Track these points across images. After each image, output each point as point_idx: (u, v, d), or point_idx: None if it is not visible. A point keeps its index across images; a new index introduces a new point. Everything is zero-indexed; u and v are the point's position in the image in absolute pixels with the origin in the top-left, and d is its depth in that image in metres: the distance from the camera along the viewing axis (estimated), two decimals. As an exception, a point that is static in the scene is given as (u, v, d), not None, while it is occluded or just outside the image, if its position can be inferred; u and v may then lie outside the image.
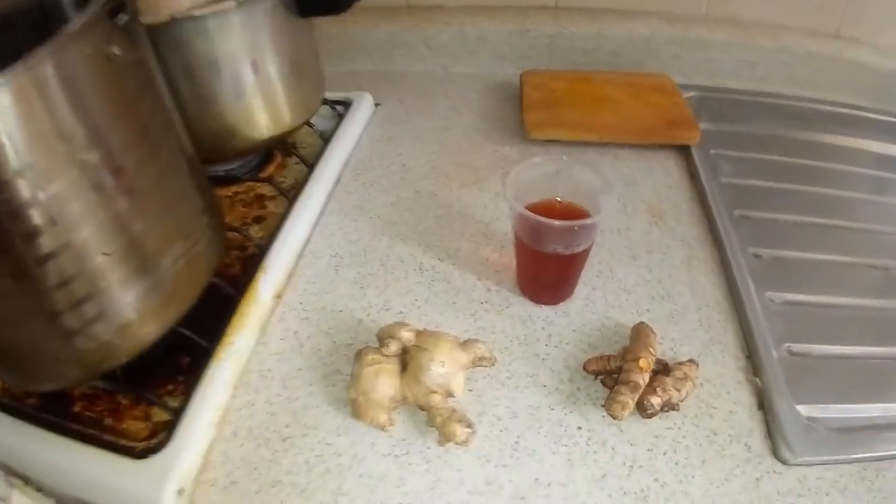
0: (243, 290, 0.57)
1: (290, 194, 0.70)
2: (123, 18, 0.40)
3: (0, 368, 0.48)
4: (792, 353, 0.54)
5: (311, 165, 0.74)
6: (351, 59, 0.96)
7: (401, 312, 0.57)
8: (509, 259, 0.60)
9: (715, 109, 0.83)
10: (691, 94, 0.83)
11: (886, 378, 0.53)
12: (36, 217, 0.36)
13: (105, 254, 0.41)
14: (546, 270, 0.54)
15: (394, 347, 0.47)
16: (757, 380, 0.51)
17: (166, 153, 0.48)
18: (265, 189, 0.74)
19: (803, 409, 0.49)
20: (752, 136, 0.80)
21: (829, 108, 0.84)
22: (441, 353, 0.46)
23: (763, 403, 0.49)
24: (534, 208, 0.49)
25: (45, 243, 0.38)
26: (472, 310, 0.56)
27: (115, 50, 0.39)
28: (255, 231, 0.69)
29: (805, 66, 0.86)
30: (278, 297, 0.59)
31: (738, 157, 0.76)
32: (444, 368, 0.46)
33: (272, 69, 0.66)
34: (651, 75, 0.85)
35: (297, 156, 0.77)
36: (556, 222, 0.47)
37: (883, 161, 0.79)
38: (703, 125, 0.75)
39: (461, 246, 0.63)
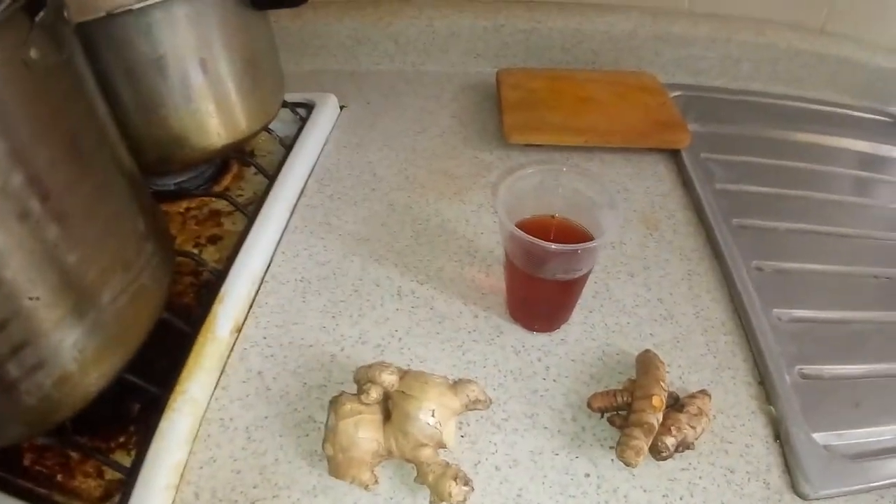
0: (198, 325, 0.51)
1: (249, 210, 0.63)
2: (43, 17, 0.33)
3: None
4: (804, 377, 0.50)
5: (271, 176, 0.67)
6: (312, 57, 0.88)
7: (379, 346, 0.50)
8: (497, 280, 0.54)
9: (701, 109, 0.79)
10: (676, 93, 0.79)
11: (899, 397, 0.50)
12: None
13: (32, 298, 0.35)
14: (542, 297, 0.49)
15: (375, 395, 0.41)
16: (772, 408, 0.47)
17: (100, 170, 0.42)
18: (220, 204, 0.67)
19: (819, 437, 0.45)
20: (740, 137, 0.76)
21: (815, 106, 0.82)
22: (429, 399, 0.40)
23: (779, 434, 0.45)
24: (527, 226, 0.43)
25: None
26: (459, 340, 0.51)
27: (34, 54, 0.33)
28: (211, 253, 0.62)
29: (790, 62, 0.84)
30: (238, 331, 0.52)
31: (729, 160, 0.72)
32: (434, 417, 0.40)
33: (224, 69, 0.59)
34: (635, 73, 0.80)
35: (255, 166, 0.70)
36: (556, 246, 0.42)
37: (871, 161, 0.77)
38: (690, 126, 0.71)
39: (443, 266, 0.57)
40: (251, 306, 0.54)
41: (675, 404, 0.45)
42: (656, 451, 0.42)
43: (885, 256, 0.63)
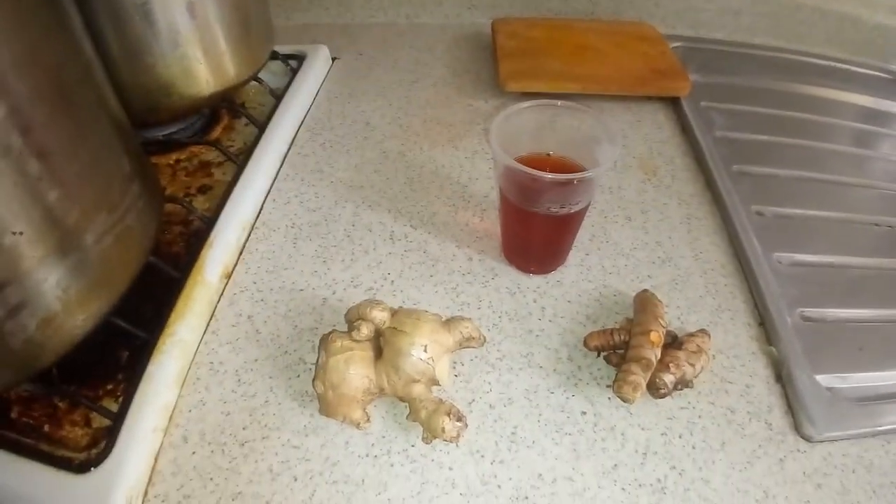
0: (187, 271, 0.49)
1: (240, 159, 0.62)
2: None
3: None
4: (806, 319, 0.49)
5: (261, 126, 0.65)
6: (303, 11, 0.86)
7: (371, 289, 0.49)
8: (492, 224, 0.53)
9: (701, 60, 0.77)
10: (676, 44, 0.78)
11: (908, 343, 0.49)
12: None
13: (15, 233, 0.34)
14: (537, 234, 0.47)
15: (365, 331, 0.40)
16: (773, 349, 0.46)
17: (84, 107, 0.40)
18: (211, 155, 0.66)
19: (823, 380, 0.45)
20: (741, 88, 0.74)
21: (816, 60, 0.80)
22: (422, 335, 0.39)
23: (781, 375, 0.45)
24: (522, 162, 0.42)
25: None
26: (452, 283, 0.50)
27: None
28: (200, 202, 0.60)
29: (791, 17, 0.82)
30: (228, 276, 0.51)
31: (730, 109, 0.70)
32: (427, 353, 0.39)
33: (212, 12, 0.58)
34: (634, 23, 0.78)
35: (246, 116, 0.69)
36: (551, 175, 0.40)
37: (872, 115, 0.76)
38: (691, 77, 0.69)
39: (437, 211, 0.56)
40: (241, 252, 0.53)
41: (674, 342, 0.44)
42: (654, 388, 0.41)
43: (886, 206, 0.62)
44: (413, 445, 0.40)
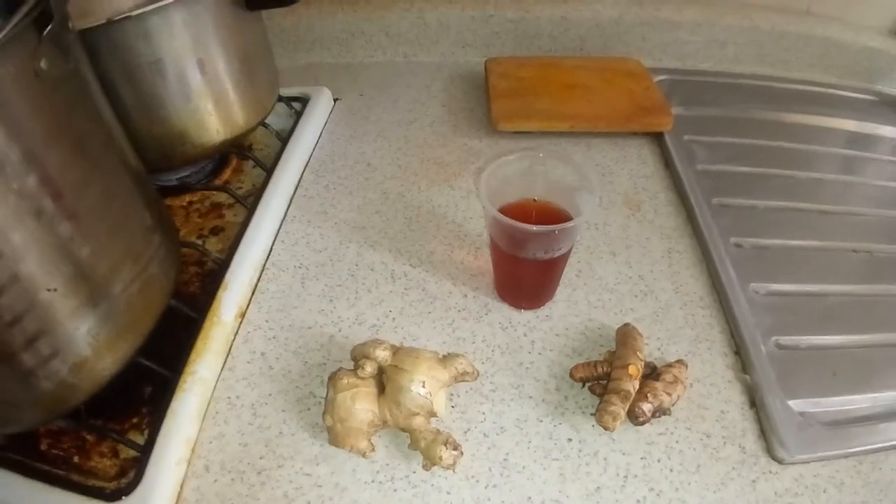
0: (204, 311, 0.53)
1: (249, 202, 0.66)
2: (51, 29, 0.35)
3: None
4: (780, 347, 0.53)
5: (268, 169, 0.70)
6: (306, 52, 0.91)
7: (374, 326, 0.53)
8: (485, 262, 0.57)
9: (686, 93, 0.81)
10: (662, 77, 0.82)
11: (875, 367, 0.52)
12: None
13: (49, 290, 0.38)
14: (525, 276, 0.51)
15: (369, 369, 0.44)
16: (747, 377, 0.50)
17: (108, 169, 0.44)
18: (221, 197, 0.70)
19: (795, 405, 0.48)
20: (725, 119, 0.78)
21: (800, 87, 0.84)
22: (420, 372, 0.43)
23: (755, 401, 0.48)
24: (510, 210, 0.46)
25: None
26: (449, 318, 0.54)
27: (44, 64, 0.35)
28: (214, 244, 0.64)
29: (775, 44, 0.85)
30: (242, 315, 0.55)
31: (713, 142, 0.74)
32: (425, 388, 0.43)
33: (220, 67, 0.62)
34: (621, 59, 0.82)
35: (253, 159, 0.73)
36: (535, 228, 0.44)
37: (856, 139, 0.79)
38: (675, 110, 0.73)
39: (434, 249, 0.60)
40: (253, 292, 0.57)
41: (653, 373, 0.48)
42: (633, 417, 0.45)
43: (865, 231, 0.65)
44: (414, 472, 0.44)
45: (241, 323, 0.54)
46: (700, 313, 0.54)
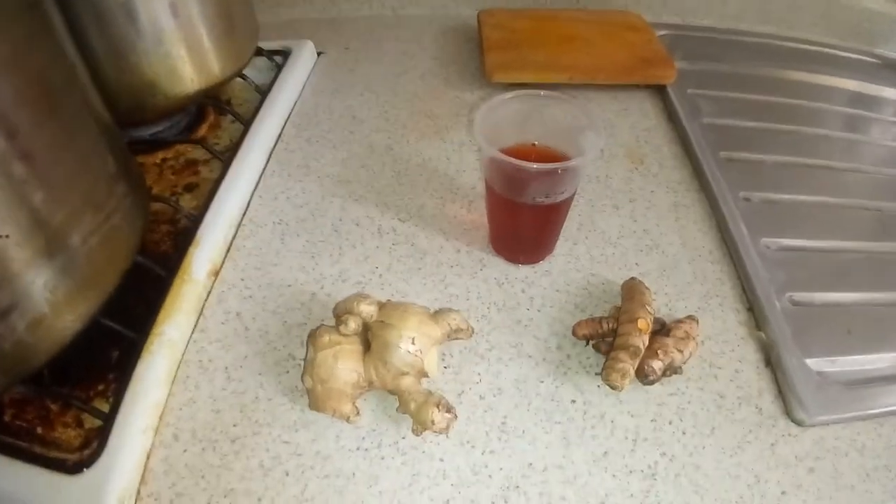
0: (174, 270, 0.49)
1: (226, 157, 0.61)
2: None
3: None
4: (794, 303, 0.49)
5: (247, 123, 0.65)
6: (290, 6, 0.86)
7: (359, 283, 0.49)
8: (479, 215, 0.53)
9: (688, 48, 0.77)
10: (663, 32, 0.78)
11: (890, 326, 0.49)
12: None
13: (1, 236, 0.34)
14: (524, 224, 0.47)
15: (353, 325, 0.40)
16: (762, 334, 0.46)
17: (68, 109, 0.40)
18: (197, 153, 0.65)
19: (812, 364, 0.45)
20: (728, 75, 0.75)
21: (803, 46, 0.81)
22: (409, 327, 0.39)
23: (770, 359, 0.45)
24: (507, 153, 0.42)
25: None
26: (441, 275, 0.50)
27: None
28: (187, 201, 0.60)
29: (779, 2, 0.82)
30: (215, 274, 0.50)
31: (717, 96, 0.70)
32: (415, 345, 0.39)
33: (194, 10, 0.57)
34: (621, 13, 0.78)
35: (231, 113, 0.68)
36: (536, 165, 0.40)
37: (859, 99, 0.76)
38: (677, 64, 0.69)
39: (424, 203, 0.56)
40: (228, 250, 0.53)
41: (662, 329, 0.44)
42: (643, 375, 0.41)
43: (874, 190, 0.62)
44: (403, 438, 0.40)
45: (214, 281, 0.50)
46: (710, 268, 0.50)
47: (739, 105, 0.70)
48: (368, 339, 0.41)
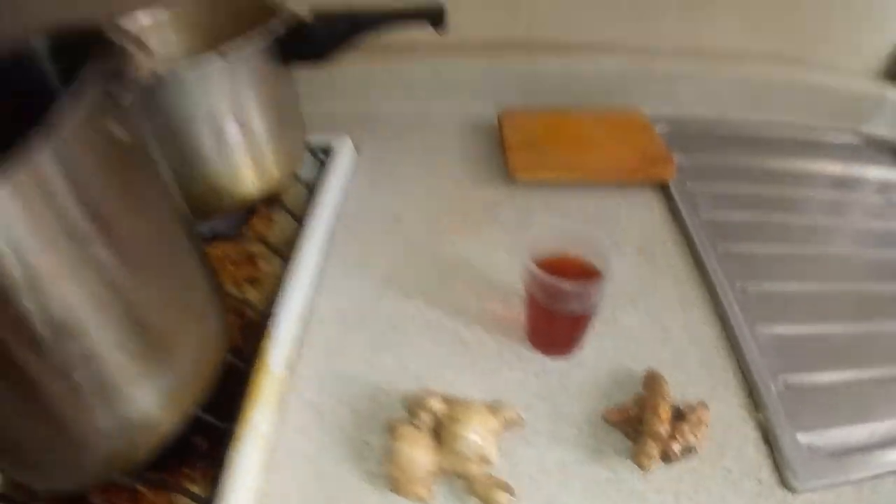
0: (251, 362, 0.56)
1: (284, 252, 0.69)
2: (125, 96, 0.38)
3: (13, 466, 0.46)
4: (787, 386, 0.58)
5: (300, 219, 0.73)
6: (328, 100, 0.95)
7: (418, 376, 0.57)
8: (515, 312, 0.61)
9: (685, 141, 0.87)
10: (661, 124, 0.88)
11: (872, 400, 0.58)
12: (42, 326, 0.34)
13: (120, 352, 0.40)
14: (560, 327, 0.56)
15: (427, 420, 0.48)
16: (760, 416, 0.54)
17: (171, 231, 0.47)
18: (255, 247, 0.73)
19: (803, 438, 0.53)
20: (722, 167, 0.84)
21: (790, 132, 0.91)
22: (474, 421, 0.47)
23: (768, 437, 0.53)
24: (544, 263, 0.51)
25: (57, 348, 0.36)
26: (487, 367, 0.58)
27: (116, 129, 0.37)
28: (252, 294, 0.68)
29: (767, 91, 0.92)
30: (289, 367, 0.58)
31: (713, 190, 0.80)
32: (479, 437, 0.47)
33: (256, 122, 0.65)
34: (623, 111, 0.88)
35: (287, 211, 0.76)
36: (574, 286, 0.49)
37: (843, 182, 0.85)
38: (676, 157, 0.79)
39: (466, 300, 0.64)
40: (298, 344, 0.60)
41: (679, 415, 0.52)
42: (665, 457, 0.49)
43: (855, 272, 0.71)
44: (471, 516, 0.48)
45: (289, 374, 0.57)
46: (714, 357, 0.59)
47: (733, 198, 0.79)
48: (438, 431, 0.49)
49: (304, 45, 0.67)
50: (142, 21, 0.71)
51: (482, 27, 0.87)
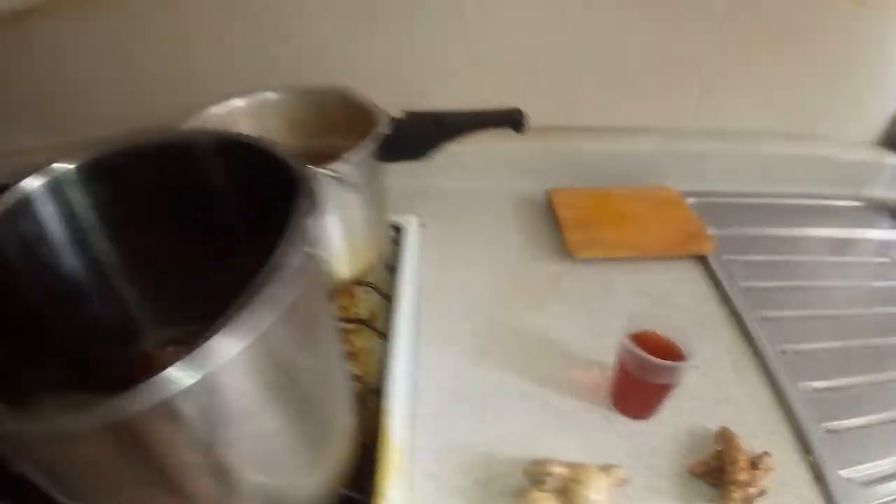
0: (375, 438, 0.62)
1: (377, 328, 0.77)
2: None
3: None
4: (829, 431, 0.69)
5: (387, 296, 0.81)
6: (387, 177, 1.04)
7: (521, 442, 0.65)
8: (595, 378, 0.71)
9: (712, 214, 1.00)
10: (691, 199, 1.00)
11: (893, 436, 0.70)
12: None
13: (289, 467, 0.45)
14: (648, 396, 0.66)
15: (553, 484, 0.57)
16: (810, 458, 0.65)
17: (327, 344, 0.50)
18: (346, 324, 0.80)
19: (844, 473, 0.64)
20: (748, 237, 0.98)
21: (800, 200, 1.06)
22: (593, 483, 0.57)
23: (818, 476, 0.64)
24: (635, 338, 0.61)
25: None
26: (580, 431, 0.67)
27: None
28: (353, 368, 0.75)
29: (778, 166, 1.07)
30: (407, 440, 0.64)
31: (744, 259, 0.93)
32: (600, 496, 0.57)
33: (354, 213, 0.72)
34: (658, 188, 1.01)
35: (375, 289, 0.83)
36: (669, 364, 0.60)
37: (848, 245, 1.01)
38: (709, 230, 0.91)
39: (550, 369, 0.74)
40: (410, 417, 0.67)
41: (752, 464, 0.63)
42: (746, 500, 0.59)
43: (879, 328, 0.84)
44: (593, 562, 0.57)
45: (408, 447, 0.64)
46: (767, 412, 0.70)
47: (761, 265, 0.92)
48: (562, 493, 0.58)
49: (401, 145, 0.76)
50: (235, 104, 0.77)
51: (531, 113, 0.98)
